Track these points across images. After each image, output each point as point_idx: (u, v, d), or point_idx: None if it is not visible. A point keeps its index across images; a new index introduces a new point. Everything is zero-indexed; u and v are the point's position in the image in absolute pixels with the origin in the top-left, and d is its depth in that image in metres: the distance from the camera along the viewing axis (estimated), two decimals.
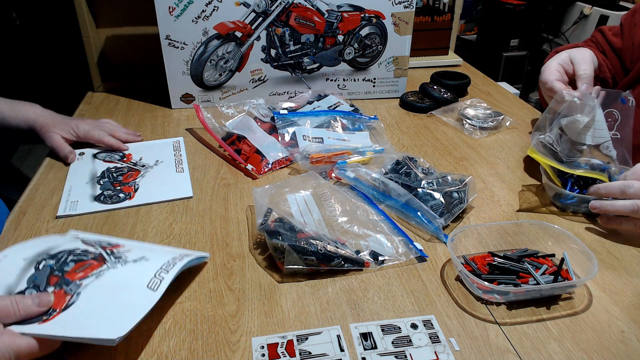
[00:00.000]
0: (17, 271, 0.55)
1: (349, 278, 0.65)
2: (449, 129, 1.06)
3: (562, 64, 0.91)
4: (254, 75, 1.11)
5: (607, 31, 1.03)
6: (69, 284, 0.54)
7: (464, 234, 0.71)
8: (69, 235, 0.64)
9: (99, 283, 0.55)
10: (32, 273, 0.55)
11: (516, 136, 1.04)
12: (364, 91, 1.19)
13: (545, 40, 2.66)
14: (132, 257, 0.60)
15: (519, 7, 2.46)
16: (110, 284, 0.55)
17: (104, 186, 0.82)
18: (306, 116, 1.01)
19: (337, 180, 0.84)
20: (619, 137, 0.84)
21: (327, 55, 1.12)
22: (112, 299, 0.54)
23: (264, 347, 0.54)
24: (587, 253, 0.63)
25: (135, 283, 0.56)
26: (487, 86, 1.31)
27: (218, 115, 1.00)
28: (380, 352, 0.54)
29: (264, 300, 0.61)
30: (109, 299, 0.54)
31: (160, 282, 0.56)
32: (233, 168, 0.91)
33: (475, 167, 0.92)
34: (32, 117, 0.91)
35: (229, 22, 1.04)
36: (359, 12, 1.09)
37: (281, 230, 0.66)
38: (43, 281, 0.54)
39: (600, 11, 2.37)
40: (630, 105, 0.83)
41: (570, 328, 0.58)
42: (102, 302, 0.53)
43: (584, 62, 0.89)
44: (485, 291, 0.61)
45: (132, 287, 0.56)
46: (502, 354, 0.55)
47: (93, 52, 1.24)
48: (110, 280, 0.56)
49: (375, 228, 0.72)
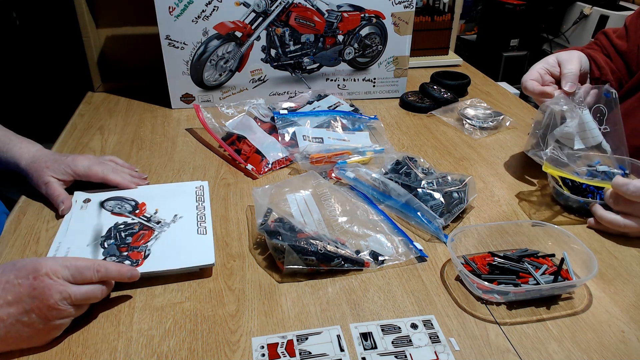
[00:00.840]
0: (90, 255, 0.66)
1: (349, 278, 0.65)
2: (449, 129, 1.06)
3: (547, 67, 0.89)
4: (254, 75, 1.11)
5: (612, 34, 1.02)
6: (138, 247, 0.67)
7: (464, 234, 0.71)
8: (87, 207, 0.76)
9: (161, 242, 0.69)
10: (102, 250, 0.67)
11: (516, 136, 1.04)
12: (364, 91, 1.19)
13: (545, 40, 2.66)
14: (168, 218, 0.73)
15: (519, 7, 2.46)
16: (169, 240, 0.69)
17: (108, 250, 0.67)
18: (306, 116, 1.01)
19: (337, 180, 0.84)
20: (609, 130, 0.83)
21: (327, 55, 1.12)
22: (179, 246, 0.68)
23: (264, 347, 0.54)
24: (587, 253, 0.63)
25: (187, 234, 0.70)
26: (487, 86, 1.31)
27: (218, 115, 1.00)
28: (380, 352, 0.54)
29: (264, 300, 0.61)
30: (176, 247, 0.67)
31: (206, 228, 0.71)
32: (233, 168, 0.91)
33: (475, 167, 0.92)
34: (25, 158, 0.78)
35: (229, 22, 1.04)
36: (359, 12, 1.09)
37: (281, 230, 0.66)
38: (116, 252, 0.67)
39: (600, 11, 2.37)
40: (613, 97, 0.83)
41: (570, 328, 0.58)
42: (174, 248, 0.67)
43: (570, 61, 0.87)
44: (485, 291, 0.61)
45: (187, 237, 0.69)
46: (502, 354, 0.55)
47: (93, 52, 1.23)
48: (167, 238, 0.69)
49: (375, 228, 0.72)
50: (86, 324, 0.57)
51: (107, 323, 0.58)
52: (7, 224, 0.74)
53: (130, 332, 0.57)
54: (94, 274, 0.56)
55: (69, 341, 0.55)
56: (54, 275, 0.53)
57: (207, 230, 0.71)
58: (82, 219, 0.73)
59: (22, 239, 0.71)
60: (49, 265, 0.53)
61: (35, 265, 0.53)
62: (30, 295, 0.51)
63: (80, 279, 0.55)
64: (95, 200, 0.77)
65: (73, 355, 0.54)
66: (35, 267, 0.53)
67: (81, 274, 0.55)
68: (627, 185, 0.69)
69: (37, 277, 0.52)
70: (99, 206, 0.76)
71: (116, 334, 0.56)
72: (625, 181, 0.70)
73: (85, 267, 0.55)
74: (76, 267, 0.55)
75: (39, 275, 0.52)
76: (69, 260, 0.55)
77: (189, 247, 0.68)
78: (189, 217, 0.74)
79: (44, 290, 0.52)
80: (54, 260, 0.54)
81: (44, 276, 0.52)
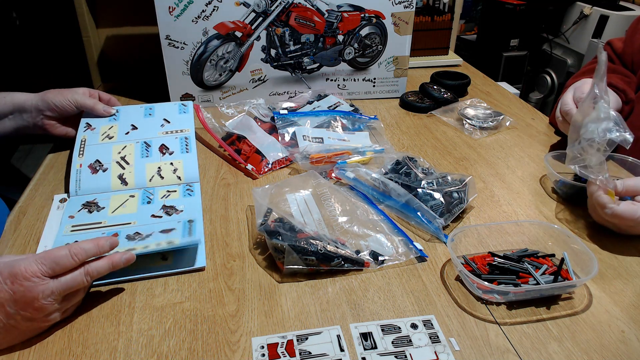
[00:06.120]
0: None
1: (349, 278, 0.65)
2: (449, 129, 1.06)
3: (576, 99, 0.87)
4: (254, 75, 1.11)
5: (615, 41, 1.05)
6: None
7: (464, 234, 0.71)
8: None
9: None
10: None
11: (516, 136, 1.04)
12: (364, 91, 1.19)
13: (545, 40, 2.66)
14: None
15: (519, 7, 2.46)
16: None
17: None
18: (306, 116, 1.01)
19: (337, 180, 0.84)
20: (597, 93, 0.74)
21: (327, 55, 1.12)
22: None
23: (264, 347, 0.54)
24: (587, 253, 0.63)
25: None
26: (487, 86, 1.31)
27: (218, 115, 1.00)
28: (380, 352, 0.54)
29: (264, 300, 0.61)
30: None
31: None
32: (233, 168, 0.91)
33: (475, 167, 0.92)
34: (30, 98, 0.87)
35: (229, 22, 1.04)
36: (359, 12, 1.09)
37: (281, 230, 0.66)
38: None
39: (600, 11, 2.37)
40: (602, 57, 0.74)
41: (570, 328, 0.58)
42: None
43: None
44: (485, 291, 0.61)
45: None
46: (502, 354, 0.55)
47: (93, 52, 1.24)
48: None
49: (375, 228, 0.72)
50: (86, 324, 0.57)
51: (107, 323, 0.58)
52: (7, 224, 0.74)
53: (130, 332, 0.57)
54: (72, 259, 0.54)
55: (69, 341, 0.55)
56: (31, 276, 0.51)
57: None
58: (58, 218, 0.74)
59: (22, 239, 0.71)
60: (24, 267, 0.51)
61: (9, 270, 0.51)
62: (13, 300, 0.50)
63: (60, 269, 0.53)
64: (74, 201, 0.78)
65: (73, 355, 0.54)
66: (10, 272, 0.51)
67: (58, 264, 0.53)
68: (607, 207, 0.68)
69: (14, 282, 0.50)
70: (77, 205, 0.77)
71: (116, 334, 0.56)
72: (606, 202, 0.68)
73: (60, 256, 0.53)
74: (51, 259, 0.53)
75: (16, 280, 0.51)
76: (42, 255, 0.53)
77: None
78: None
79: (25, 294, 0.51)
80: (27, 260, 0.52)
81: (21, 280, 0.51)
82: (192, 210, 0.75)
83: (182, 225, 0.70)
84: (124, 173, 0.81)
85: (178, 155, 0.85)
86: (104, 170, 0.81)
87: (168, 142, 0.87)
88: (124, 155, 0.84)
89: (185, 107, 0.95)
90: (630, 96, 0.93)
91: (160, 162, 0.83)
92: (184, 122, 0.92)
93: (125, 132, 0.88)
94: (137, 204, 0.76)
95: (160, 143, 0.87)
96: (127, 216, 0.73)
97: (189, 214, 0.74)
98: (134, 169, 0.82)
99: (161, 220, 0.72)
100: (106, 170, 0.81)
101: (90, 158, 0.83)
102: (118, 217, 0.73)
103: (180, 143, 0.87)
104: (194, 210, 0.76)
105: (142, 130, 0.89)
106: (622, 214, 0.68)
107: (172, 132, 0.90)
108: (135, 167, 0.82)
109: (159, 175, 0.81)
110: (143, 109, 0.94)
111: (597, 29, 2.39)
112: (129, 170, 0.81)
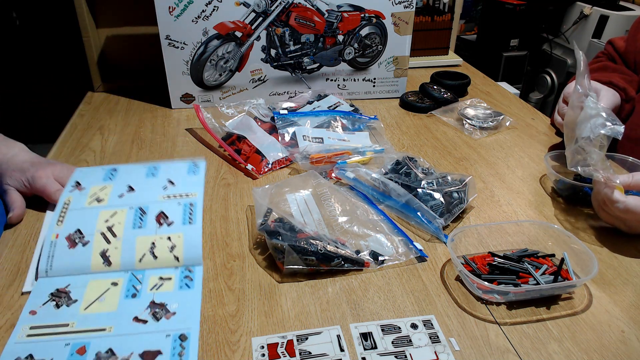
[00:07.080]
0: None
1: (349, 278, 0.65)
2: (449, 129, 1.06)
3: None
4: (254, 75, 1.11)
5: (617, 40, 1.05)
6: None
7: (464, 234, 0.71)
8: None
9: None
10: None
11: (516, 136, 1.04)
12: (364, 91, 1.19)
13: (545, 40, 2.66)
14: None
15: (519, 7, 2.46)
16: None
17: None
18: (306, 116, 1.01)
19: (337, 180, 0.84)
20: (580, 90, 0.75)
21: (327, 55, 1.12)
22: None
23: (264, 347, 0.54)
24: (587, 253, 0.63)
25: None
26: (487, 86, 1.31)
27: (218, 115, 1.00)
28: (380, 352, 0.54)
29: (264, 300, 0.61)
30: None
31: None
32: (233, 168, 0.91)
33: (475, 167, 0.92)
34: None
35: (229, 22, 1.04)
36: (359, 12, 1.09)
37: (281, 230, 0.66)
38: None
39: (600, 11, 2.37)
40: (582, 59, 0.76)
41: (570, 328, 0.58)
42: None
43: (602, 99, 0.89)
44: (485, 291, 0.61)
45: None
46: (502, 354, 0.55)
47: (93, 52, 1.23)
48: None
49: (375, 228, 0.72)
50: None
51: None
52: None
53: None
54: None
55: None
56: None
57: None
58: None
59: (22, 239, 0.71)
60: None
61: None
62: None
63: None
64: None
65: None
66: None
67: None
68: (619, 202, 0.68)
69: None
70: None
71: None
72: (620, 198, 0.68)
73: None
74: None
75: None
76: None
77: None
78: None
79: None
80: None
81: None
82: (188, 314, 0.58)
83: (170, 343, 0.55)
84: (108, 249, 0.64)
85: (179, 226, 0.68)
86: (84, 244, 0.65)
87: (168, 209, 0.70)
88: (112, 224, 0.67)
89: (196, 168, 0.79)
90: (630, 94, 0.93)
91: (155, 236, 0.66)
92: (192, 184, 0.75)
93: (119, 194, 0.72)
94: (118, 298, 0.60)
95: (158, 210, 0.69)
96: (103, 317, 0.57)
97: (183, 321, 0.57)
98: (121, 243, 0.65)
99: (146, 329, 0.56)
100: (87, 244, 0.65)
101: (70, 227, 0.66)
102: (91, 317, 0.57)
103: (183, 210, 0.70)
104: (191, 313, 0.59)
105: (140, 192, 0.73)
106: (635, 208, 0.68)
107: (176, 196, 0.73)
108: (123, 241, 0.65)
109: (151, 253, 0.65)
110: (146, 168, 0.78)
111: (597, 29, 2.39)
112: (115, 245, 0.65)
